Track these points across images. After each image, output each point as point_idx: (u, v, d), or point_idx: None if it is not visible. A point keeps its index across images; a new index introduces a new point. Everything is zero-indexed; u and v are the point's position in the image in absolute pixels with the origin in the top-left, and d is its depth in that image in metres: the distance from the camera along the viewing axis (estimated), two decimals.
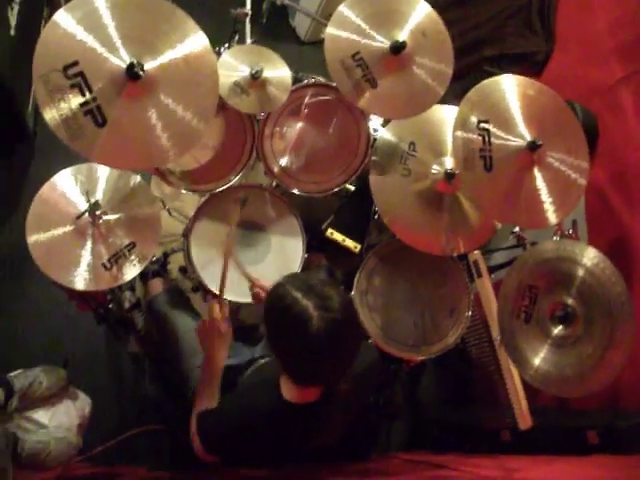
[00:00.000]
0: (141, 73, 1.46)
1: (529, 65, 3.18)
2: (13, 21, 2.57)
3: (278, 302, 1.40)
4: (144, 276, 2.29)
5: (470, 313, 2.10)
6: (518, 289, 1.82)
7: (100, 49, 1.47)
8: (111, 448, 2.34)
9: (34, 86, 1.42)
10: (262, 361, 1.92)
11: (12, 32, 2.56)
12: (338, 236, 2.28)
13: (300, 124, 2.13)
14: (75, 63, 1.44)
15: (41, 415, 1.91)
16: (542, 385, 1.77)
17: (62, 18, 1.45)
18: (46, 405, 1.94)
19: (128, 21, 1.51)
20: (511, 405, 2.01)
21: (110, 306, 2.23)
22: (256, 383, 1.73)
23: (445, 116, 2.05)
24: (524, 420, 1.98)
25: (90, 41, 1.46)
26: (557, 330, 1.82)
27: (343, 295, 1.41)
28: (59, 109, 1.43)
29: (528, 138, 1.80)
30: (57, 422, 1.95)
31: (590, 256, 1.82)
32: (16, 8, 2.57)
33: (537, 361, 1.78)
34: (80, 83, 1.44)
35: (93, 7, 1.48)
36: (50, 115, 1.43)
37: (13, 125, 2.83)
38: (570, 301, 1.82)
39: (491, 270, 2.27)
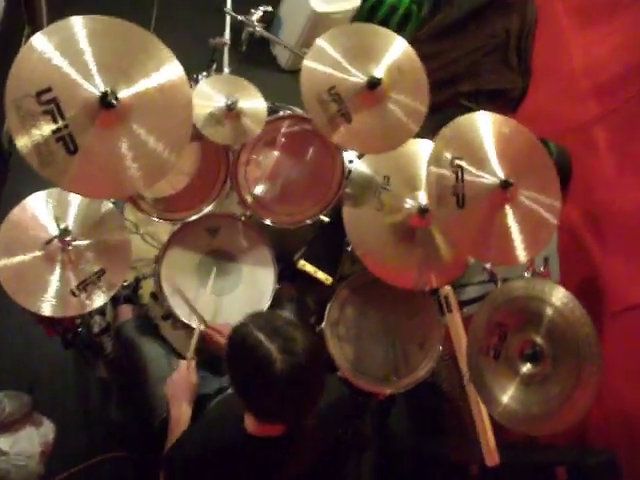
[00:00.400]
0: (114, 102, 1.46)
1: (505, 101, 3.22)
2: None
3: (241, 342, 1.38)
4: (115, 300, 2.27)
5: (440, 347, 2.10)
6: (488, 326, 1.83)
7: (75, 75, 1.46)
8: (75, 475, 2.30)
9: (6, 111, 1.41)
10: (228, 392, 1.91)
11: None
12: (310, 268, 2.27)
13: (276, 154, 2.14)
14: (49, 89, 1.43)
15: (2, 442, 1.88)
16: (509, 423, 1.76)
17: (39, 42, 1.44)
18: (8, 431, 1.91)
19: (105, 49, 1.51)
20: (479, 441, 2.01)
21: (79, 330, 2.20)
22: (219, 416, 1.70)
23: (420, 150, 2.06)
24: (491, 457, 1.97)
25: (65, 67, 1.46)
26: (525, 368, 1.81)
27: (308, 337, 1.38)
28: (31, 135, 1.42)
29: (501, 176, 1.81)
30: (19, 449, 1.91)
31: (559, 296, 1.82)
32: None
33: (505, 399, 1.78)
34: (53, 110, 1.44)
35: (71, 32, 1.47)
36: (21, 141, 1.42)
37: None
38: (539, 340, 1.81)
39: (462, 304, 2.27)
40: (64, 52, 1.46)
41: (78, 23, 1.49)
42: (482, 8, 3.23)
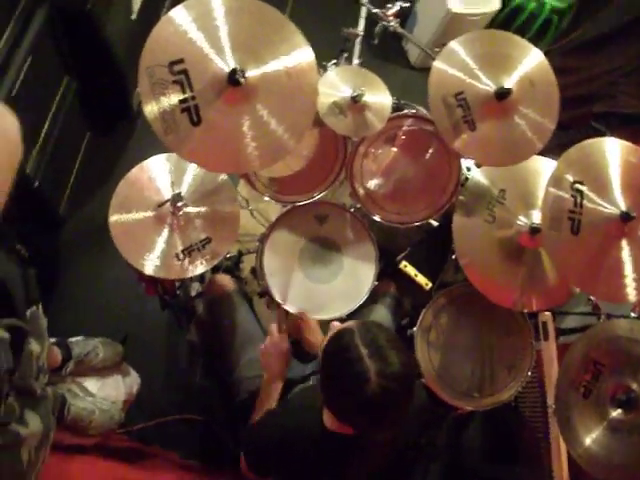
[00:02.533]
0: (242, 80, 1.48)
1: (638, 127, 3.06)
2: (136, 6, 2.67)
3: (341, 351, 1.37)
4: (215, 269, 2.32)
5: (529, 373, 2.03)
6: (582, 361, 1.75)
7: (207, 50, 1.49)
8: (150, 428, 2.39)
9: (139, 76, 1.46)
10: (310, 382, 1.93)
11: (134, 16, 2.66)
12: (411, 270, 2.25)
13: (394, 150, 2.11)
14: (181, 60, 1.47)
15: (92, 384, 1.95)
16: (588, 466, 1.69)
17: (178, 14, 1.48)
18: (98, 375, 1.99)
19: (239, 27, 1.53)
20: (553, 477, 1.93)
21: (177, 292, 2.27)
22: (301, 405, 1.73)
23: (541, 168, 1.99)
24: None
25: (200, 40, 1.49)
26: (615, 413, 1.73)
27: (406, 364, 1.36)
28: (159, 102, 1.47)
29: (622, 207, 1.73)
30: (105, 394, 1.99)
31: None
32: None
33: (588, 440, 1.71)
34: (183, 80, 1.47)
35: (209, 8, 1.50)
36: (149, 107, 1.46)
37: (119, 104, 2.94)
38: (635, 386, 1.72)
39: (559, 333, 2.19)
40: (200, 26, 1.49)
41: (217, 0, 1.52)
42: (629, 26, 3.06)
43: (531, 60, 1.84)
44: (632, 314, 1.95)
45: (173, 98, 1.48)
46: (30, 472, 1.20)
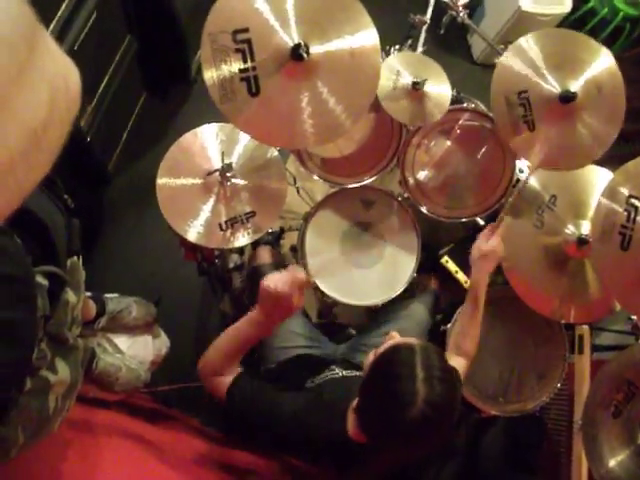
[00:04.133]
0: (305, 56, 1.46)
1: None
2: None
3: (397, 365, 1.32)
4: (255, 242, 2.32)
5: (559, 385, 2.00)
6: (616, 380, 1.71)
7: (273, 22, 1.48)
8: (174, 391, 2.42)
9: (202, 42, 1.45)
10: (339, 373, 1.88)
11: None
12: (452, 266, 2.22)
13: (448, 144, 2.08)
14: (246, 30, 1.46)
15: (121, 341, 1.97)
16: None
17: None
18: (129, 334, 2.01)
19: (307, 2, 1.51)
20: None
21: (216, 261, 2.28)
22: (326, 403, 1.61)
23: (596, 178, 1.94)
24: None
25: (266, 12, 1.47)
26: None
27: (455, 400, 1.33)
28: (219, 69, 1.46)
29: None
30: (133, 352, 2.01)
31: None
32: None
33: (612, 462, 1.66)
34: (245, 50, 1.46)
35: None
36: (209, 73, 1.46)
37: (178, 67, 2.95)
38: None
39: (594, 349, 2.14)
40: None
41: None
42: None
43: (601, 64, 1.78)
44: None
45: (234, 66, 1.47)
46: (55, 418, 1.21)
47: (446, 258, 2.22)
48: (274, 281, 1.49)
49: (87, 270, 1.44)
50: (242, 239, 1.85)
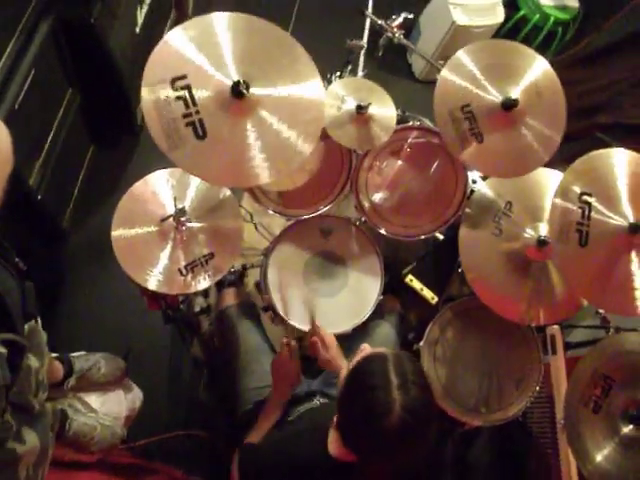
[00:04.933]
0: (245, 92, 1.46)
1: None
2: (140, 20, 2.68)
3: (370, 376, 1.33)
4: (219, 284, 2.31)
5: (538, 388, 2.01)
6: (592, 376, 1.73)
7: (209, 67, 1.49)
8: (153, 444, 2.37)
9: (142, 91, 1.45)
10: (317, 402, 1.89)
11: (138, 30, 2.66)
12: (417, 284, 2.22)
13: (399, 163, 2.10)
14: (183, 76, 1.46)
15: (93, 400, 1.93)
16: None
17: (177, 35, 1.47)
18: (100, 391, 1.97)
19: (243, 46, 1.52)
20: None
21: (181, 306, 2.25)
22: (304, 430, 1.68)
23: (547, 180, 1.97)
24: None
25: (201, 60, 1.48)
26: (627, 429, 1.71)
27: (430, 402, 1.34)
28: (162, 118, 1.45)
29: (631, 219, 1.70)
30: (107, 409, 1.97)
31: None
32: (145, 8, 2.69)
33: (599, 457, 1.68)
34: (185, 95, 1.46)
35: (210, 27, 1.50)
36: (153, 123, 1.44)
37: (123, 117, 2.94)
38: None
39: (568, 346, 2.16)
40: (201, 46, 1.48)
41: (219, 19, 1.51)
42: (633, 37, 3.05)
43: (537, 70, 1.82)
44: None
45: (177, 113, 1.46)
46: None
47: (410, 277, 2.22)
48: (275, 366, 1.86)
49: (50, 331, 1.41)
50: (203, 282, 1.83)
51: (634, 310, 1.73)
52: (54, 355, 1.74)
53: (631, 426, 1.71)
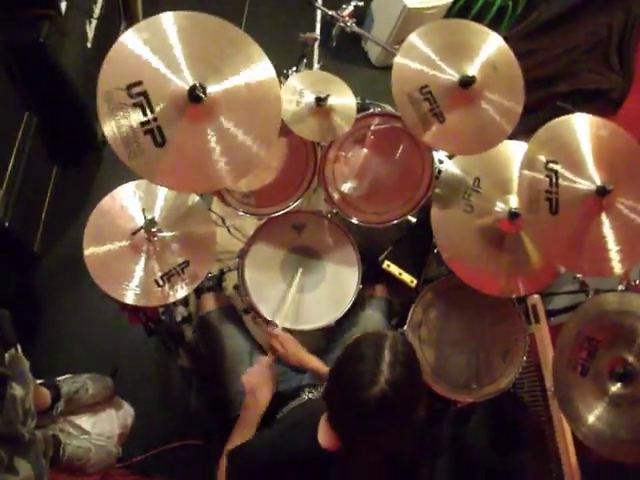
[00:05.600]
0: (203, 96, 1.46)
1: (604, 102, 3.07)
2: (90, 34, 2.65)
3: (367, 346, 1.35)
4: (198, 291, 2.30)
5: (525, 358, 2.03)
6: (576, 340, 1.75)
7: (164, 70, 1.47)
8: (150, 458, 2.36)
9: (97, 102, 1.43)
10: (306, 396, 1.90)
11: (89, 45, 2.63)
12: (395, 269, 2.23)
13: (365, 151, 2.10)
14: (139, 83, 1.44)
15: (84, 421, 1.92)
16: (594, 444, 1.68)
17: (129, 39, 1.45)
18: (90, 412, 1.96)
19: (194, 44, 1.51)
20: (560, 460, 1.92)
21: (162, 318, 2.24)
22: (294, 424, 1.68)
23: (513, 153, 1.98)
24: (572, 478, 1.89)
25: (155, 62, 1.46)
26: (615, 388, 1.72)
27: (415, 381, 1.35)
28: (120, 127, 1.43)
29: (598, 182, 1.72)
30: (99, 430, 1.95)
31: None
32: (94, 22, 2.66)
33: (591, 418, 1.70)
34: (142, 102, 1.44)
35: (161, 29, 1.48)
36: (111, 132, 1.43)
37: (83, 134, 2.90)
38: (631, 359, 1.71)
39: (550, 314, 2.19)
40: (154, 48, 1.46)
41: (168, 20, 1.49)
42: (583, 3, 3.08)
43: (491, 45, 1.84)
44: (620, 287, 1.95)
45: (135, 121, 1.44)
46: None
47: (387, 262, 2.23)
48: (249, 376, 1.81)
49: (33, 357, 1.40)
50: (181, 291, 1.82)
51: (610, 270, 1.75)
52: (39, 381, 1.72)
53: (619, 384, 1.72)
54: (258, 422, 1.76)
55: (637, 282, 1.98)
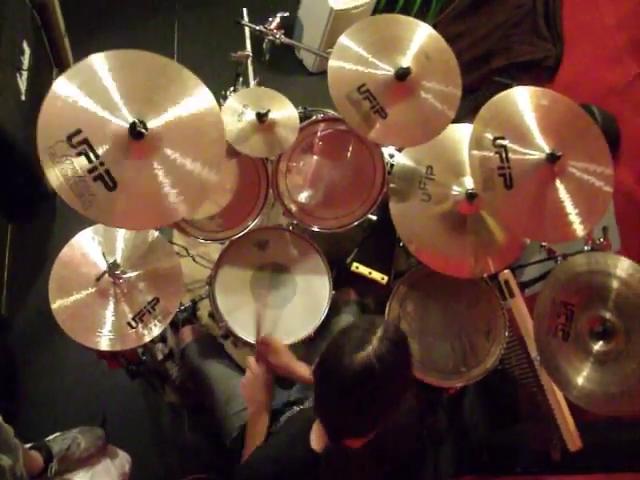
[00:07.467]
0: (144, 131, 1.45)
1: (540, 71, 3.13)
2: (23, 87, 2.60)
3: (363, 320, 1.38)
4: (174, 325, 2.27)
5: (507, 333, 2.04)
6: (553, 306, 1.77)
7: (101, 112, 1.45)
8: None
9: (41, 159, 1.41)
10: (296, 408, 1.89)
11: (23, 97, 2.59)
12: (364, 269, 2.23)
13: (315, 158, 2.11)
14: (78, 131, 1.42)
15: (81, 477, 1.89)
16: (588, 405, 1.70)
17: (61, 87, 1.43)
18: (85, 466, 1.93)
19: (128, 82, 1.49)
20: (558, 426, 1.94)
21: (143, 358, 2.21)
22: (288, 435, 1.67)
23: (460, 135, 2.00)
24: (573, 441, 1.91)
25: (91, 106, 1.44)
26: (597, 346, 1.76)
27: (400, 360, 1.33)
28: (68, 178, 1.41)
29: (547, 150, 1.75)
30: None
31: (624, 267, 1.77)
32: (25, 74, 2.61)
33: (580, 380, 1.72)
34: (85, 150, 1.43)
35: (92, 71, 1.46)
36: (60, 185, 1.41)
37: (31, 187, 2.85)
38: (608, 315, 1.76)
39: (523, 286, 2.21)
40: (88, 92, 1.45)
41: (98, 61, 1.47)
42: None
43: (421, 35, 1.86)
44: (585, 247, 1.98)
45: (81, 169, 1.42)
46: None
47: (356, 264, 2.23)
48: (244, 388, 1.82)
49: (16, 421, 1.37)
50: (155, 329, 1.81)
51: (573, 234, 1.78)
52: (28, 445, 1.70)
53: (601, 342, 1.76)
54: (267, 423, 1.77)
55: (601, 240, 2.01)
